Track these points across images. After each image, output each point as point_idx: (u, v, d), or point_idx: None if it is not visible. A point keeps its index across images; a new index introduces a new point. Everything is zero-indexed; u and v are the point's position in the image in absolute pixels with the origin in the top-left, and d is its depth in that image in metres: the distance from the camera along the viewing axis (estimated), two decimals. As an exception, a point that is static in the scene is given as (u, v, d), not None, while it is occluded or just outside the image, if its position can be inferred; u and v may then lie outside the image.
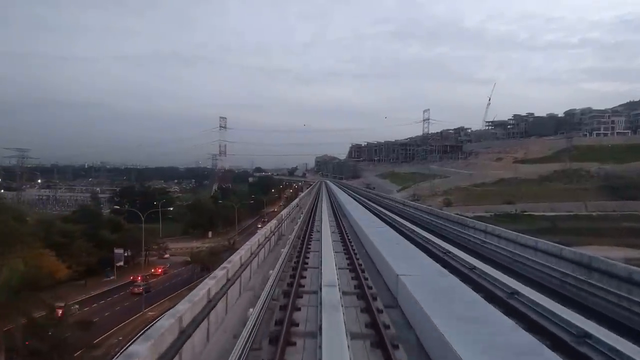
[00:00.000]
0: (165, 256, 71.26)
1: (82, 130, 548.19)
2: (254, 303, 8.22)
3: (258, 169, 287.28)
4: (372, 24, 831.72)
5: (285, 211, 28.03)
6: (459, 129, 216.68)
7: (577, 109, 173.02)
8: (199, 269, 57.82)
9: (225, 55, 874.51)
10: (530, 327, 7.48)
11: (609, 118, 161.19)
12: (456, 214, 31.38)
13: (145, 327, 32.11)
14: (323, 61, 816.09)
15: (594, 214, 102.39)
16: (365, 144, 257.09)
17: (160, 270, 63.21)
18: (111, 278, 57.33)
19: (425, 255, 13.89)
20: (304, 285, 10.93)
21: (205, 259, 58.78)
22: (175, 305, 5.94)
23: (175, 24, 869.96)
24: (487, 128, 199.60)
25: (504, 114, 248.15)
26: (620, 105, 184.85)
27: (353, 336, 7.02)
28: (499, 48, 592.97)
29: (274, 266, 11.79)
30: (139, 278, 52.73)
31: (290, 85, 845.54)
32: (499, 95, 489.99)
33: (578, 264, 11.05)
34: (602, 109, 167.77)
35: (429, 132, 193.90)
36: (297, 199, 47.80)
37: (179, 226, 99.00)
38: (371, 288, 10.37)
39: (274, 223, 19.05)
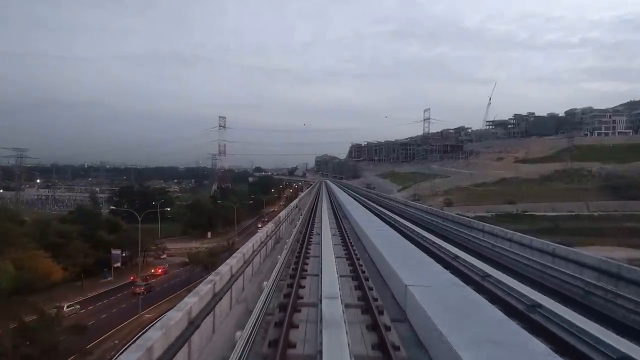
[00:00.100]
0: (162, 256, 70.22)
1: (82, 130, 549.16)
2: (246, 320, 7.28)
3: (258, 169, 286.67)
4: (372, 24, 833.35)
5: (283, 213, 27.01)
6: (459, 128, 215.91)
7: (578, 108, 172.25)
8: (199, 269, 56.97)
9: (225, 55, 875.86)
10: (565, 352, 6.48)
11: (610, 118, 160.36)
12: (457, 214, 30.58)
13: (141, 331, 31.28)
14: (323, 61, 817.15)
15: (595, 214, 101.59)
16: (366, 143, 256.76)
17: (160, 271, 62.51)
18: (108, 279, 56.78)
19: (433, 261, 12.95)
20: (302, 296, 9.98)
21: (204, 260, 58.01)
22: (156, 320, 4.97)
23: (175, 23, 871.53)
24: (488, 128, 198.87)
25: (504, 114, 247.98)
26: (621, 105, 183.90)
27: (358, 360, 6.09)
28: (499, 48, 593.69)
29: (269, 276, 10.83)
30: (139, 278, 52.13)
31: (290, 85, 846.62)
32: (500, 94, 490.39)
33: (604, 273, 10.10)
34: (603, 108, 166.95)
35: (430, 132, 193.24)
36: (297, 200, 46.80)
37: (178, 226, 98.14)
38: (376, 300, 9.42)
39: (270, 226, 18.06)
